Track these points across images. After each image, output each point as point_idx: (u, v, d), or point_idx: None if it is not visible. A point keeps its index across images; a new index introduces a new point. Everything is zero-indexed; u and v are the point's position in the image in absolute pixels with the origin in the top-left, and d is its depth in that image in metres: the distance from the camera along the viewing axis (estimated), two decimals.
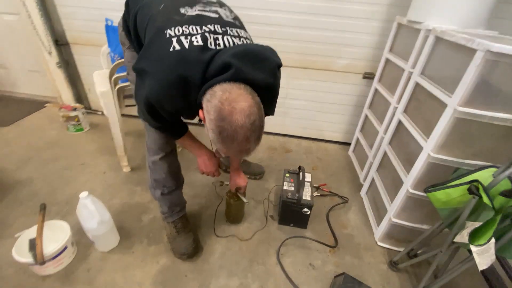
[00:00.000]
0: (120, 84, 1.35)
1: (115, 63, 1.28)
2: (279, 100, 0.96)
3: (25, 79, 2.41)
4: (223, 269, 1.13)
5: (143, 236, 1.24)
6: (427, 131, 1.04)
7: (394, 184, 1.23)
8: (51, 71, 2.14)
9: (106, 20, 1.39)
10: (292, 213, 1.28)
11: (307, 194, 1.28)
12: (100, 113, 2.27)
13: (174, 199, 1.16)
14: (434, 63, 1.12)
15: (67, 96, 2.23)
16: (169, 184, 1.11)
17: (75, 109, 1.93)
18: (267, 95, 0.73)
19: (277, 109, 2.33)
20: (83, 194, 1.04)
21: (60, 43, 1.97)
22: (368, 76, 1.75)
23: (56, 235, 1.06)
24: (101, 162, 1.69)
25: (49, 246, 1.01)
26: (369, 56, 1.69)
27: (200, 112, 0.71)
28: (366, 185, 1.56)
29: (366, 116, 1.75)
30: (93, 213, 1.05)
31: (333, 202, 1.52)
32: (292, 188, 1.31)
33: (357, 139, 1.88)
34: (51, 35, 1.93)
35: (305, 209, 1.25)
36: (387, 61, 1.54)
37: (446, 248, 0.92)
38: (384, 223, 1.24)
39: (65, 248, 1.05)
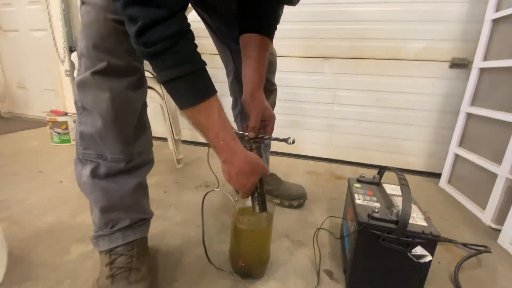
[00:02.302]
0: None
1: None
2: (322, 108, 0.73)
3: (40, 99, 2.25)
4: None
5: (52, 283, 0.57)
6: None
7: None
8: (63, 85, 1.94)
9: None
10: (381, 259, 0.55)
11: (416, 216, 0.57)
12: None
13: (119, 194, 0.54)
14: None
15: (73, 110, 1.95)
16: (112, 148, 0.52)
17: (66, 114, 1.57)
18: None
19: (320, 121, 1.69)
20: None
21: (74, 49, 1.80)
22: (460, 63, 1.19)
23: None
24: (65, 171, 1.17)
25: None
26: (457, 34, 1.18)
27: None
28: (510, 227, 0.79)
29: (469, 117, 1.11)
30: None
31: (455, 253, 0.74)
32: (377, 204, 0.61)
33: (454, 162, 1.18)
34: (68, 41, 1.78)
35: (419, 250, 0.52)
36: (496, 24, 1.01)
37: None
38: None
39: None
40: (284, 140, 0.59)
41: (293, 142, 0.57)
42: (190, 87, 0.42)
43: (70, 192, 0.98)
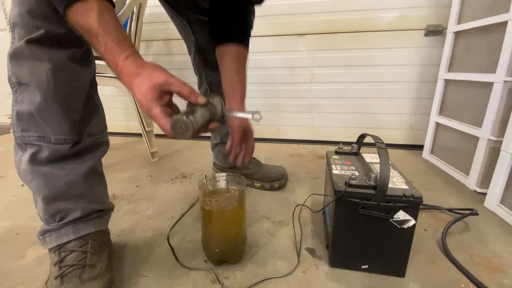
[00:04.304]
0: None
1: None
2: (300, 88, 0.66)
3: (5, 104, 2.10)
4: None
5: None
6: None
7: None
8: None
9: None
10: (362, 229, 0.51)
11: (397, 181, 0.53)
12: None
13: (66, 180, 0.48)
14: None
15: None
16: (56, 128, 0.45)
17: None
18: None
19: (299, 102, 1.63)
20: None
21: None
22: (435, 30, 1.16)
23: None
24: None
25: None
26: (429, 1, 1.15)
27: None
28: (496, 189, 0.77)
29: (448, 84, 1.09)
30: None
31: (441, 220, 0.72)
32: (355, 172, 0.57)
33: (436, 131, 1.16)
34: None
35: (401, 215, 0.48)
36: None
37: None
38: None
39: None
40: (249, 116, 0.50)
41: (260, 118, 0.49)
42: None
43: (30, 195, 0.90)
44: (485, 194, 0.83)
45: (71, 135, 0.47)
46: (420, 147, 1.28)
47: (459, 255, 0.58)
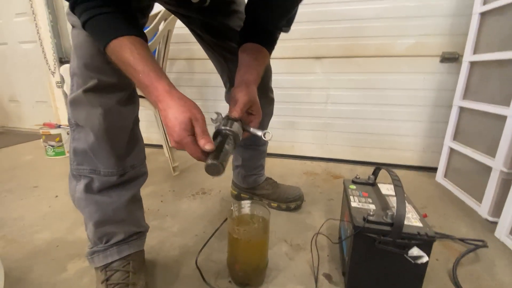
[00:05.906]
0: None
1: None
2: (316, 108, 0.69)
3: (33, 111, 2.24)
4: None
5: None
6: None
7: None
8: (54, 96, 1.94)
9: None
10: (378, 261, 0.55)
11: (411, 217, 0.57)
12: None
13: (113, 207, 0.54)
14: None
15: (66, 122, 1.94)
16: (105, 162, 0.52)
17: (59, 126, 1.56)
18: None
19: (315, 121, 1.69)
20: None
21: (65, 60, 1.79)
22: (450, 57, 1.19)
23: None
24: (60, 185, 1.16)
25: None
26: (446, 28, 1.18)
27: None
28: (506, 220, 0.79)
29: (462, 111, 1.11)
30: None
31: (452, 249, 0.75)
32: (372, 206, 0.61)
33: (450, 156, 1.18)
34: (57, 52, 1.77)
35: (415, 251, 0.52)
36: (484, 17, 1.01)
37: None
38: None
39: None
40: (259, 135, 0.52)
41: (270, 137, 0.51)
42: (97, 29, 0.43)
43: (65, 207, 0.98)
44: (496, 223, 0.86)
45: (116, 169, 0.54)
46: (433, 169, 1.30)
47: (469, 287, 0.61)
